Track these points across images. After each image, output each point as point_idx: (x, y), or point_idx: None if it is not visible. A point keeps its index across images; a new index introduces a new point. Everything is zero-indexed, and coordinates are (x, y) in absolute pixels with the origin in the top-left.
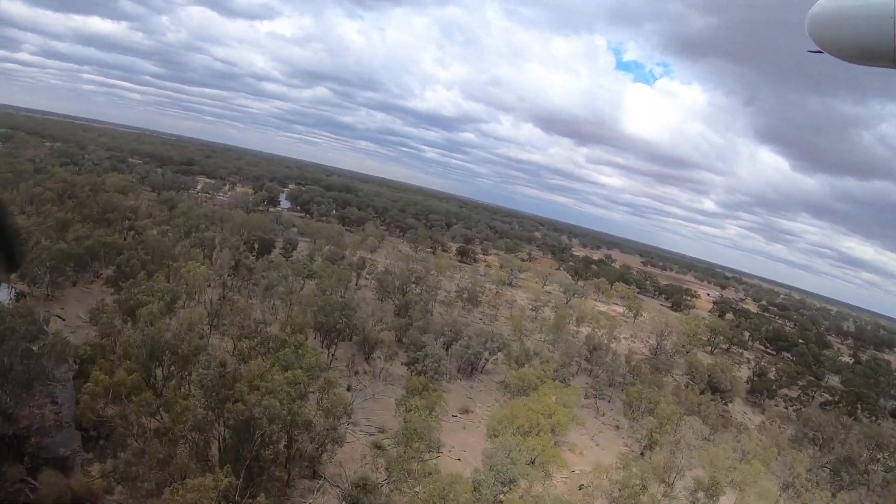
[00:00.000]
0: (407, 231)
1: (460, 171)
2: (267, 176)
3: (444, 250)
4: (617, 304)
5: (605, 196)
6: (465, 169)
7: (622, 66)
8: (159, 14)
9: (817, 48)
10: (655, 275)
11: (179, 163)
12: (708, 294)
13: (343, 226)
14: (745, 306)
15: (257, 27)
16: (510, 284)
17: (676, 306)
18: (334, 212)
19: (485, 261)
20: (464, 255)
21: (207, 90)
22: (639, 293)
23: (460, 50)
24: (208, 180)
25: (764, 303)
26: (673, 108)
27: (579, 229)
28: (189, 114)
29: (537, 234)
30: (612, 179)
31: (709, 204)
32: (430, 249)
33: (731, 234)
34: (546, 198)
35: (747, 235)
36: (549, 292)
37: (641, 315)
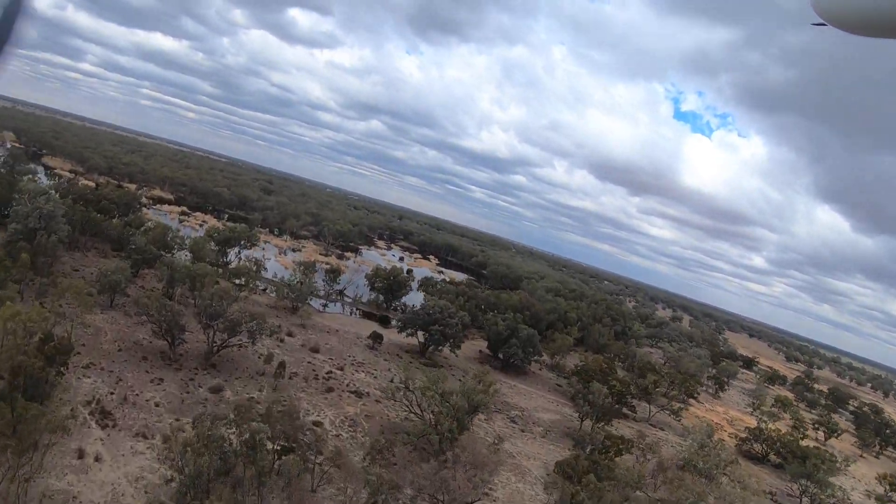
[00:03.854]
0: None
1: (506, 213)
2: (352, 229)
3: None
4: None
5: (652, 247)
6: (511, 211)
7: (680, 115)
8: (221, 35)
9: (820, 21)
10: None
11: (230, 204)
12: None
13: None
14: None
15: (317, 55)
16: None
17: None
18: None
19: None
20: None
21: (261, 115)
22: None
23: (521, 91)
24: (271, 240)
25: None
26: (731, 161)
27: (623, 279)
28: (241, 136)
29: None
30: (662, 231)
31: (759, 261)
32: None
33: (777, 292)
34: (591, 245)
35: (795, 294)
36: None
37: None
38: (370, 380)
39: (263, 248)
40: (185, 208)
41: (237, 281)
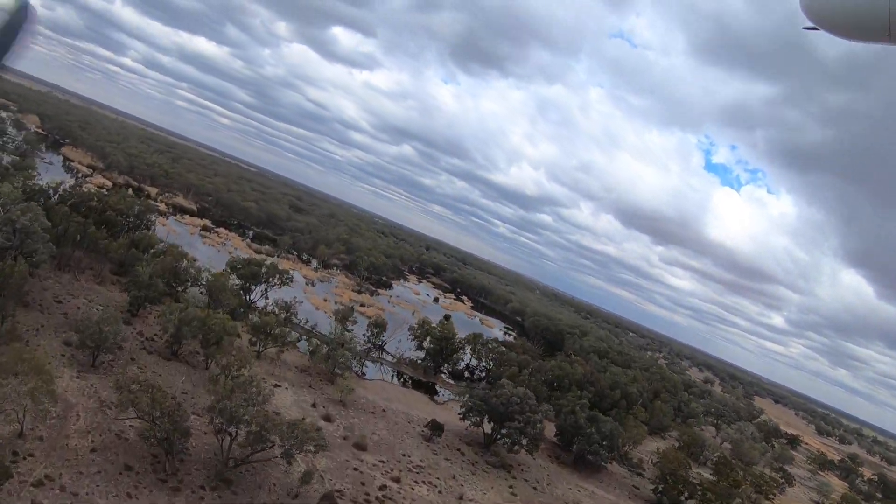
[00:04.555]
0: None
1: (528, 251)
2: (385, 262)
3: None
4: None
5: (671, 297)
6: (533, 249)
7: (710, 167)
8: (262, 46)
9: (812, 25)
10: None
11: (258, 221)
12: None
13: None
14: None
15: (355, 75)
16: None
17: None
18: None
19: None
20: None
21: (294, 128)
22: None
23: (554, 130)
24: (300, 269)
25: None
26: (758, 217)
27: (640, 328)
28: (272, 148)
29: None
30: (683, 282)
31: (778, 320)
32: None
33: (793, 353)
34: (608, 290)
35: (811, 356)
36: None
37: None
38: (434, 497)
39: (291, 280)
40: (207, 221)
41: (267, 329)
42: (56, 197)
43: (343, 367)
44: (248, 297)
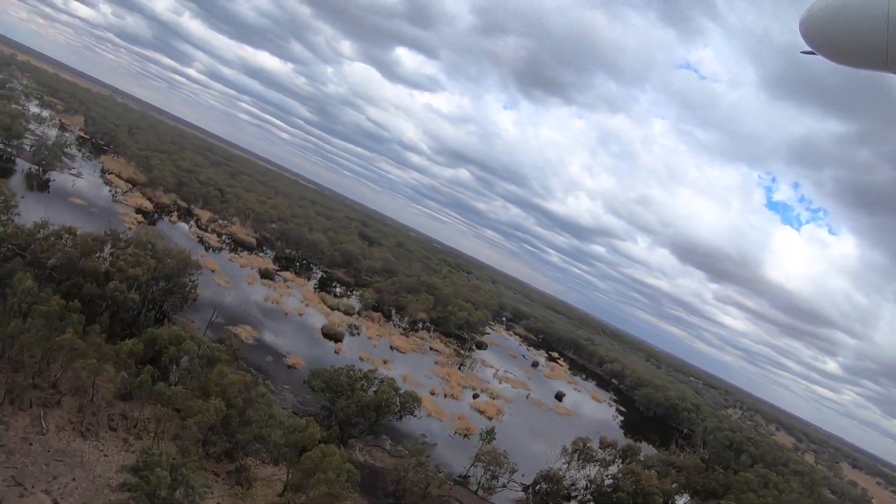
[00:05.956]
0: None
1: (578, 281)
2: (480, 318)
3: None
4: None
5: (722, 336)
6: (583, 279)
7: (771, 205)
8: (325, 64)
9: (810, 50)
10: None
11: (330, 260)
12: None
13: None
14: None
15: (416, 97)
16: None
17: None
18: None
19: None
20: None
21: (352, 147)
22: None
23: (614, 161)
24: (389, 337)
25: None
26: (819, 257)
27: (693, 370)
28: (330, 165)
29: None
30: (736, 322)
31: (832, 366)
32: None
33: (845, 400)
34: (658, 325)
35: (863, 405)
36: None
37: None
38: None
39: (420, 405)
40: (269, 261)
41: None
42: (27, 252)
43: None
44: (344, 441)
